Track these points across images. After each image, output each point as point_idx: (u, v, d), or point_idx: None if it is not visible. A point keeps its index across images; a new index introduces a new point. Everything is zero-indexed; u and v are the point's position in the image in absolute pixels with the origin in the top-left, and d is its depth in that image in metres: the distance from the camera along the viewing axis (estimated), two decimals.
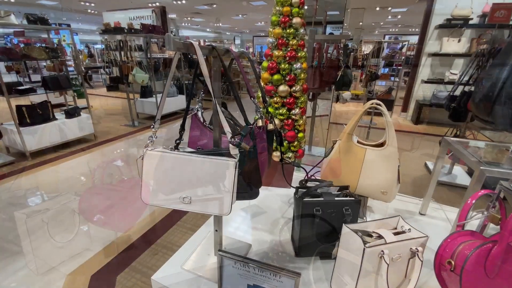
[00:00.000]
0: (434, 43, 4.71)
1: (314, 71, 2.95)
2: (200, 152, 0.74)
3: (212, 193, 0.70)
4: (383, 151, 1.10)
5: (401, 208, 1.33)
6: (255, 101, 0.83)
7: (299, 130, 1.35)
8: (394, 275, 0.75)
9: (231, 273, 0.78)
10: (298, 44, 1.20)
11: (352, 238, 0.74)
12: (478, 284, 0.58)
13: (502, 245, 0.56)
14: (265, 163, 0.89)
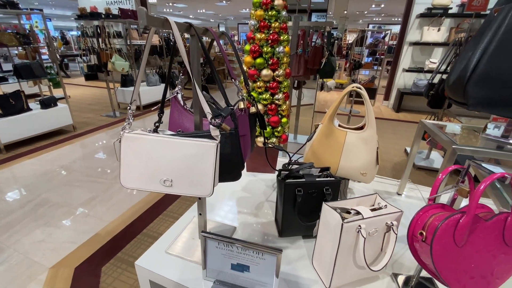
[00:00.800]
0: (415, 32, 4.81)
1: (298, 59, 2.95)
2: (181, 135, 0.73)
3: (194, 175, 0.69)
4: (362, 133, 1.13)
5: (380, 189, 1.39)
6: (236, 83, 0.82)
7: (283, 115, 1.35)
8: (371, 249, 0.79)
9: (215, 253, 0.79)
10: (280, 27, 1.18)
11: (331, 215, 0.76)
12: (447, 253, 0.63)
13: (469, 215, 0.60)
14: (247, 146, 0.90)
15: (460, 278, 0.64)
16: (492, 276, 0.65)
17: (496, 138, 1.05)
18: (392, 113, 5.12)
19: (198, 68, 0.74)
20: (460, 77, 0.89)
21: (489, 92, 0.83)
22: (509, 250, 0.64)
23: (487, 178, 0.59)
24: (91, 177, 3.03)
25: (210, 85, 7.78)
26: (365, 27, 14.13)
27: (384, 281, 0.87)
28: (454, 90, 0.93)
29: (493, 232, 0.62)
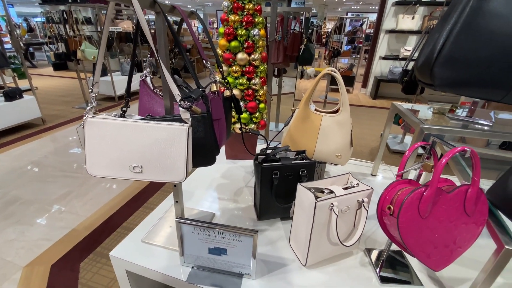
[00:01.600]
0: (391, 20, 4.90)
1: (277, 45, 2.93)
2: (149, 119, 0.70)
3: (165, 161, 0.67)
4: (337, 117, 1.15)
5: (355, 171, 1.43)
6: (208, 64, 0.80)
7: (260, 101, 1.35)
8: (344, 226, 0.82)
9: (191, 239, 0.79)
10: (254, 9, 1.16)
11: (305, 194, 0.78)
12: (412, 224, 0.66)
13: (432, 188, 0.64)
14: (223, 131, 0.88)
15: (425, 248, 0.68)
16: (454, 245, 0.70)
17: (461, 118, 1.11)
18: (370, 100, 5.27)
19: (166, 49, 0.70)
20: (427, 59, 0.91)
21: (454, 72, 0.87)
22: (469, 220, 0.68)
23: (449, 152, 0.62)
24: (65, 171, 2.89)
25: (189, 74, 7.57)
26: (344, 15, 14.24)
27: (357, 256, 0.91)
28: (422, 72, 0.96)
29: (454, 203, 0.66)
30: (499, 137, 0.98)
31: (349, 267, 0.87)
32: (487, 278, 0.64)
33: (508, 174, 0.67)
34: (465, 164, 0.95)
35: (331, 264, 0.88)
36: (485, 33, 0.82)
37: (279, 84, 3.64)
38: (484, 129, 1.01)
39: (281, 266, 0.86)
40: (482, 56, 0.83)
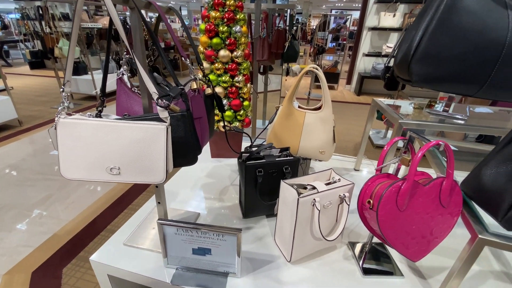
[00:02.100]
0: (373, 17, 5.00)
1: (262, 42, 2.92)
2: (127, 118, 0.68)
3: (143, 161, 0.66)
4: (320, 113, 1.16)
5: (339, 166, 1.46)
6: (187, 62, 0.78)
7: (244, 98, 1.34)
8: (327, 220, 0.83)
9: (174, 240, 0.78)
10: (236, 5, 1.14)
11: (288, 191, 0.78)
12: (391, 217, 0.68)
13: (409, 182, 0.65)
14: (205, 129, 0.87)
15: (403, 239, 0.70)
16: (431, 236, 0.73)
17: (438, 113, 1.14)
18: (354, 96, 5.36)
19: (142, 46, 0.68)
20: (405, 56, 0.94)
21: (430, 69, 0.89)
22: (445, 211, 0.71)
23: (424, 146, 0.64)
24: (44, 174, 2.78)
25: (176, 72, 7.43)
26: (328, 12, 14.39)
27: (341, 250, 0.93)
28: (400, 68, 0.98)
29: (430, 195, 0.68)
30: (473, 130, 1.03)
31: (333, 261, 0.89)
32: (462, 266, 0.67)
33: (481, 166, 0.69)
34: (442, 158, 0.98)
35: (316, 259, 0.89)
36: (459, 30, 0.85)
37: (265, 81, 3.63)
38: (460, 123, 1.05)
39: (266, 263, 0.86)
40: (456, 53, 0.86)
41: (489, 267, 0.91)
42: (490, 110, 1.42)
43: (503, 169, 0.64)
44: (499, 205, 0.62)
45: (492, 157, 0.67)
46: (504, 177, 0.63)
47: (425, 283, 0.82)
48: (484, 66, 0.85)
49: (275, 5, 3.10)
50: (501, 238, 0.63)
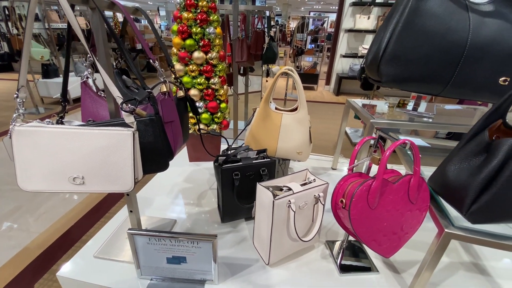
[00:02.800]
0: (349, 20, 5.15)
1: (241, 44, 2.91)
2: (90, 124, 0.64)
3: (109, 169, 0.63)
4: (296, 114, 1.17)
5: (317, 166, 1.48)
6: (156, 64, 0.76)
7: (221, 101, 1.32)
8: (303, 221, 0.83)
9: (147, 250, 0.74)
10: (208, 6, 1.13)
11: (264, 193, 0.78)
12: (363, 216, 0.69)
13: (378, 180, 0.67)
14: (178, 133, 0.84)
15: (375, 236, 0.71)
16: (402, 232, 0.75)
17: (407, 112, 1.19)
18: (333, 96, 5.49)
19: (106, 48, 0.65)
20: (374, 57, 0.97)
21: (397, 69, 0.92)
22: (414, 207, 0.73)
23: (391, 145, 0.65)
24: (13, 185, 2.60)
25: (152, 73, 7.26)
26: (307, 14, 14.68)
27: (318, 249, 0.94)
28: (370, 69, 1.01)
29: (399, 192, 0.70)
30: (439, 128, 1.08)
31: (310, 261, 0.89)
32: (432, 259, 0.69)
33: (445, 162, 0.72)
34: (411, 155, 1.02)
35: (294, 260, 0.89)
36: (423, 32, 0.89)
37: (245, 82, 3.63)
38: (427, 122, 1.10)
39: (244, 268, 0.85)
40: (421, 54, 0.90)
41: (458, 258, 0.95)
42: (458, 107, 1.50)
43: (465, 165, 0.67)
44: (463, 199, 0.65)
45: (455, 154, 0.70)
46: (466, 173, 0.66)
47: (399, 278, 0.85)
48: (447, 67, 0.90)
49: (253, 6, 3.11)
50: (465, 231, 0.66)
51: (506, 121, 0.68)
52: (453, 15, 0.88)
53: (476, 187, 0.63)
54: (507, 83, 0.91)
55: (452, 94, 0.96)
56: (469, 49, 0.87)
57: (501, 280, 0.88)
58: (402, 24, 0.89)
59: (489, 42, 0.86)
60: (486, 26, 0.87)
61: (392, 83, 0.97)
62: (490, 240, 0.64)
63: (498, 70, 0.89)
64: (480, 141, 0.65)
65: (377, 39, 1.00)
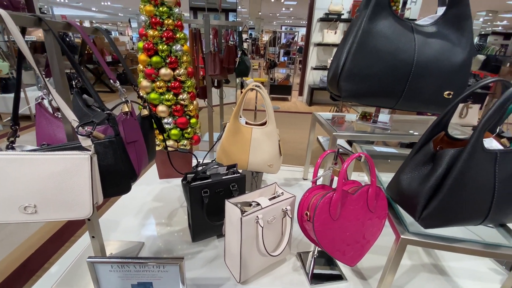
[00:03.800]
0: (318, 34, 5.42)
1: (213, 57, 2.94)
2: (44, 149, 0.61)
3: (65, 196, 0.60)
4: (265, 128, 1.20)
5: (289, 177, 1.51)
6: (116, 84, 0.74)
7: (191, 116, 1.32)
8: (273, 235, 0.84)
9: (109, 278, 0.71)
10: (174, 24, 1.14)
11: (233, 210, 0.78)
12: (326, 227, 0.72)
13: (338, 192, 0.70)
14: (142, 153, 0.83)
15: (339, 246, 0.74)
16: (364, 240, 0.78)
17: (367, 123, 1.27)
18: (306, 107, 5.68)
19: (61, 69, 0.63)
20: (334, 74, 1.03)
21: (355, 85, 0.99)
22: (373, 215, 0.77)
23: (348, 159, 0.69)
24: None
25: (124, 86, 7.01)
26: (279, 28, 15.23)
27: (290, 261, 0.95)
28: (331, 85, 1.07)
29: (359, 203, 0.74)
30: (395, 138, 1.16)
31: (282, 274, 0.90)
32: (392, 264, 0.73)
33: (399, 171, 0.78)
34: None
35: (266, 275, 0.89)
36: (375, 52, 0.96)
37: (220, 94, 3.65)
38: (386, 132, 1.18)
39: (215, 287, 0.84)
40: (374, 71, 0.97)
41: (420, 261, 1.01)
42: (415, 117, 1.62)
43: (416, 174, 0.73)
44: (415, 206, 0.70)
45: (407, 163, 0.76)
46: (417, 181, 0.72)
47: (366, 284, 0.88)
48: (398, 83, 0.98)
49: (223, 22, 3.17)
50: (419, 236, 0.70)
51: (448, 132, 0.75)
52: (401, 36, 0.97)
53: (425, 195, 0.68)
54: (451, 96, 1.01)
55: (405, 107, 1.05)
56: (416, 67, 0.96)
57: (458, 279, 0.94)
58: (356, 44, 0.96)
59: (433, 60, 0.96)
60: (430, 46, 0.97)
61: (351, 98, 1.04)
62: (441, 244, 0.70)
63: (442, 85, 0.98)
64: (426, 152, 0.71)
65: (336, 57, 1.07)
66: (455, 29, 0.97)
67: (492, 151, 0.66)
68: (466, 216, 0.70)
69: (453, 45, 0.96)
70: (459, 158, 0.63)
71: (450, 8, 0.97)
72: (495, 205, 0.69)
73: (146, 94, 1.22)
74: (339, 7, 5.12)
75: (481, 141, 0.63)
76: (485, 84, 0.67)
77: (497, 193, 0.68)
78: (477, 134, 0.61)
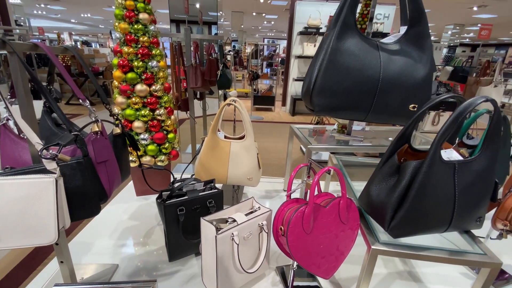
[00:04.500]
0: (298, 47, 5.60)
1: (194, 70, 2.96)
2: (7, 173, 0.59)
3: (28, 222, 0.57)
4: (244, 142, 1.21)
5: (270, 188, 1.52)
6: (86, 104, 0.73)
7: (169, 131, 1.31)
8: (249, 251, 0.84)
9: None
10: (150, 41, 1.14)
11: (208, 228, 0.77)
12: (300, 241, 0.73)
13: (310, 205, 0.72)
14: (114, 172, 0.81)
15: (314, 260, 0.75)
16: (338, 251, 0.80)
17: (341, 136, 1.31)
18: (289, 117, 5.78)
19: (26, 91, 0.62)
20: (307, 89, 1.07)
21: (326, 100, 1.03)
22: (346, 227, 0.79)
23: (318, 172, 0.71)
24: None
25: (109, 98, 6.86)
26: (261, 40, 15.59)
27: (269, 276, 0.95)
28: (305, 99, 1.11)
29: (331, 215, 0.76)
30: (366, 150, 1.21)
31: None
32: (365, 273, 0.75)
33: (369, 182, 0.81)
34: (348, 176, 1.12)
35: None
36: (344, 68, 1.01)
37: (203, 106, 3.65)
38: (359, 144, 1.22)
39: None
40: (344, 87, 1.02)
41: (395, 268, 1.04)
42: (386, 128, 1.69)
43: (383, 185, 0.76)
44: (384, 216, 0.73)
45: (376, 174, 0.79)
46: (385, 192, 0.75)
47: None
48: (367, 97, 1.03)
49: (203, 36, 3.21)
50: (389, 246, 0.73)
51: (411, 144, 0.80)
52: (367, 53, 1.02)
53: (392, 205, 0.71)
54: (415, 109, 1.07)
55: (374, 119, 1.10)
56: (382, 82, 1.02)
57: (431, 285, 0.97)
58: (326, 61, 1.01)
59: (397, 76, 1.02)
60: (394, 63, 1.03)
61: (323, 111, 1.08)
62: (409, 253, 0.72)
63: (406, 98, 1.04)
64: (392, 164, 0.75)
65: (309, 73, 1.12)
66: (416, 47, 1.04)
67: (451, 162, 0.70)
68: (431, 224, 0.74)
69: (415, 61, 1.03)
70: (420, 170, 0.67)
71: (411, 27, 1.04)
72: (456, 212, 0.73)
73: (121, 110, 1.20)
74: (317, 21, 5.34)
75: (439, 154, 0.67)
76: (441, 100, 0.72)
77: (457, 202, 0.72)
78: (434, 148, 0.65)
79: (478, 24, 8.67)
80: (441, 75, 4.46)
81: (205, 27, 8.68)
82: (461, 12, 7.32)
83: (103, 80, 6.68)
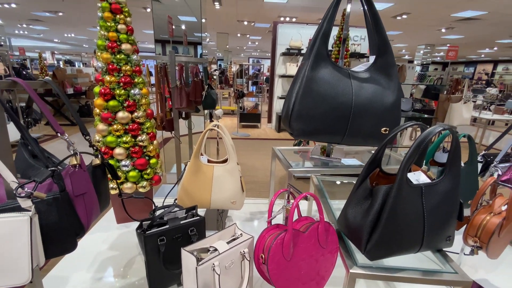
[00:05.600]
0: (281, 67, 5.81)
1: (179, 91, 2.99)
2: None
3: (1, 261, 0.55)
4: (227, 166, 1.23)
5: (254, 210, 1.52)
6: (65, 137, 0.74)
7: (151, 156, 1.31)
8: (232, 280, 0.84)
9: None
10: (132, 70, 1.17)
11: (189, 259, 0.77)
12: (280, 269, 0.74)
13: (289, 232, 0.74)
14: (92, 205, 0.80)
15: (295, 287, 0.76)
16: (318, 276, 0.81)
17: (321, 158, 1.36)
18: (275, 133, 5.87)
19: (2, 123, 0.62)
20: (286, 114, 1.12)
21: (304, 125, 1.08)
22: (325, 251, 0.81)
23: (296, 198, 0.74)
24: None
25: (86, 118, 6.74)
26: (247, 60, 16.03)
27: None
28: (284, 124, 1.15)
29: (311, 240, 0.78)
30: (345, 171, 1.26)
31: None
32: None
33: (346, 205, 0.84)
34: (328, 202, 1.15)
35: None
36: (319, 95, 1.07)
37: (188, 125, 3.66)
38: (337, 165, 1.27)
39: None
40: (320, 112, 1.07)
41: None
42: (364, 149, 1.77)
43: (359, 208, 0.79)
44: (360, 239, 0.76)
45: (352, 198, 0.83)
46: (360, 216, 0.78)
47: None
48: (341, 122, 1.09)
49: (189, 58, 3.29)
50: (366, 269, 0.75)
51: (382, 169, 0.84)
52: (340, 81, 1.09)
53: (367, 228, 0.74)
54: (387, 132, 1.14)
55: (350, 142, 1.15)
56: (355, 108, 1.08)
57: None
58: (302, 89, 1.07)
59: (368, 102, 1.09)
60: (365, 90, 1.11)
61: (302, 135, 1.13)
62: (386, 275, 0.75)
63: (378, 122, 1.11)
64: (365, 188, 0.79)
65: (287, 99, 1.17)
66: (385, 75, 1.13)
67: (417, 185, 0.75)
68: (404, 245, 0.77)
69: (384, 88, 1.11)
70: (390, 194, 0.71)
71: (379, 57, 1.13)
72: (427, 233, 0.77)
73: (102, 137, 1.20)
74: (299, 42, 5.59)
75: (406, 178, 0.72)
76: (404, 128, 0.78)
77: (427, 222, 0.76)
78: (400, 173, 0.70)
79: (447, 44, 9.38)
80: (416, 92, 4.73)
81: (191, 47, 8.85)
82: (431, 33, 7.92)
83: (86, 100, 6.59)
